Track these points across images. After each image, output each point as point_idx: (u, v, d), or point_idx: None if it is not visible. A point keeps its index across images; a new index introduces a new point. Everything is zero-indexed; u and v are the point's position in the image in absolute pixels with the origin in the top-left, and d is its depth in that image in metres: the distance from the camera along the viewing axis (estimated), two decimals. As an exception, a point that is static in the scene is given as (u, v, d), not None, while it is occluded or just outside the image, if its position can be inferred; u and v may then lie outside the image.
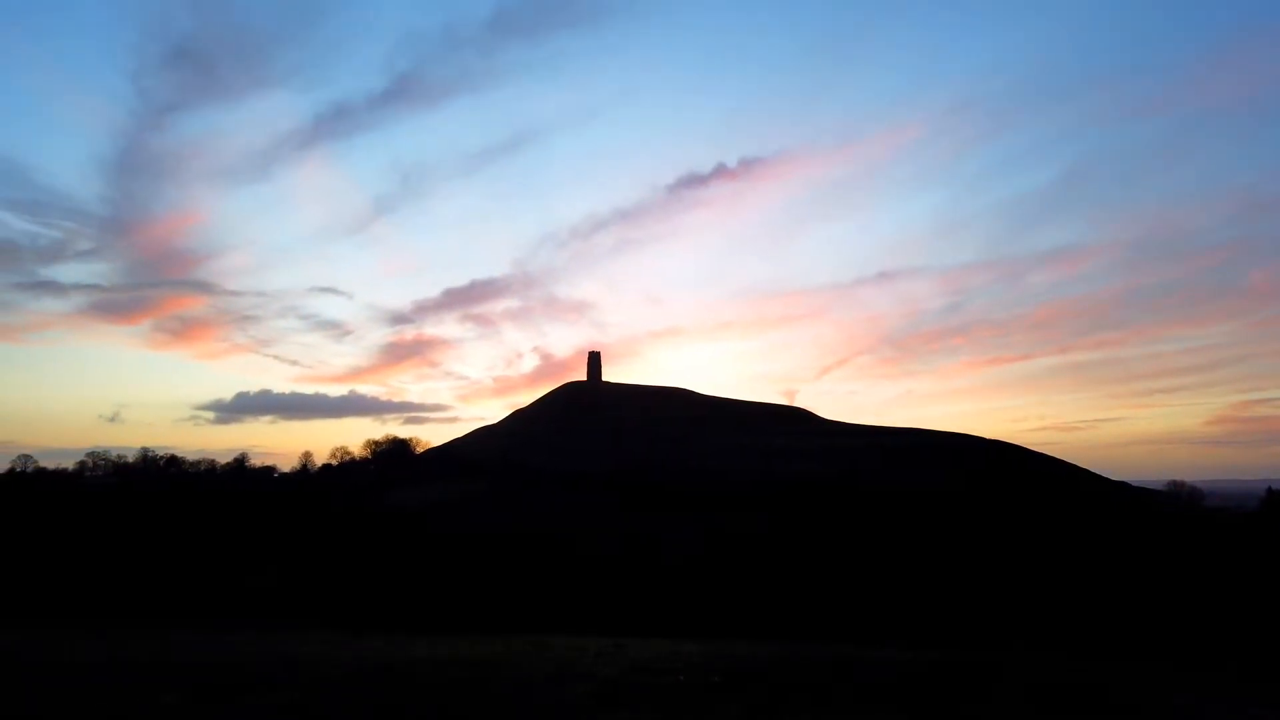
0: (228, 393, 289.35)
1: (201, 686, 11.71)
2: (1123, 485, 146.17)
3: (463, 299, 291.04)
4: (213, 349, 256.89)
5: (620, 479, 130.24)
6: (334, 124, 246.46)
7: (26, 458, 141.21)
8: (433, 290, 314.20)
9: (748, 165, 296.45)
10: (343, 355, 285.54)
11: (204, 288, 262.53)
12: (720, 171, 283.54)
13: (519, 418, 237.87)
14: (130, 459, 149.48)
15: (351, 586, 74.52)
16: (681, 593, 70.22)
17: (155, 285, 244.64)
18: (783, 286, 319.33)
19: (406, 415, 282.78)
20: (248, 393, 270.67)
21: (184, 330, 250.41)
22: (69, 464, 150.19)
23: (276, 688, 11.52)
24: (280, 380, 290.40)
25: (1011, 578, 78.13)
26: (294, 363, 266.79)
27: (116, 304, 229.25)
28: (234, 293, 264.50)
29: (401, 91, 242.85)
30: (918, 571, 78.87)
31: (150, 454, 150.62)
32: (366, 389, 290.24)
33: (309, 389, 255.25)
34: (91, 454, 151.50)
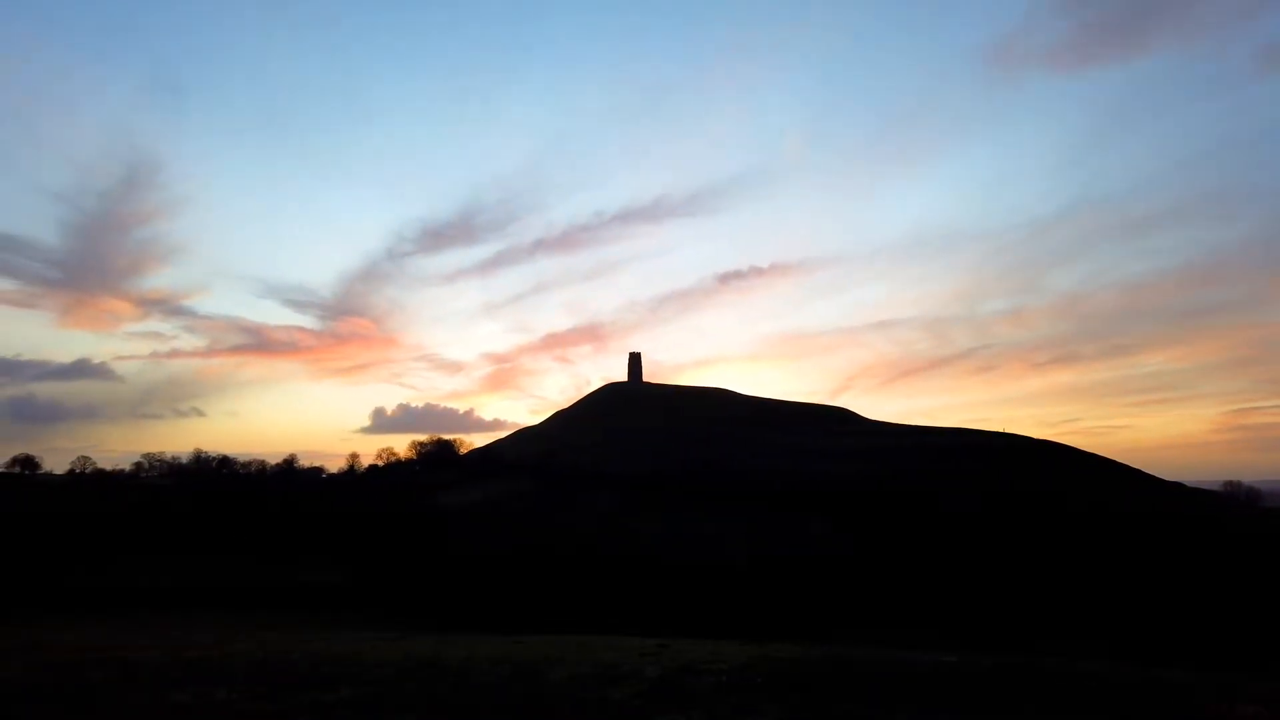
0: (366, 414, 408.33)
1: (255, 683, 11.98)
2: (1178, 485, 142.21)
3: (555, 343, 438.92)
4: (360, 380, 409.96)
5: (660, 478, 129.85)
6: (501, 259, 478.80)
7: (85, 459, 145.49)
8: (533, 337, 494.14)
9: (774, 266, 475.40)
10: (451, 384, 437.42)
11: (380, 347, 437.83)
12: (754, 270, 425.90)
13: (560, 419, 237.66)
14: (184, 460, 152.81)
15: (398, 586, 75.62)
16: (724, 594, 69.98)
17: (349, 345, 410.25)
18: (801, 331, 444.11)
19: (488, 431, 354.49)
20: (384, 409, 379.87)
21: (347, 370, 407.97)
22: (127, 466, 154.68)
23: (331, 684, 11.74)
24: (398, 402, 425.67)
25: (1070, 579, 76.33)
26: (412, 388, 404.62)
27: (320, 358, 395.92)
28: (393, 352, 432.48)
29: (552, 244, 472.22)
30: (970, 574, 77.49)
31: (203, 455, 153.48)
32: (461, 405, 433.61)
33: (419, 407, 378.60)
34: (147, 455, 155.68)
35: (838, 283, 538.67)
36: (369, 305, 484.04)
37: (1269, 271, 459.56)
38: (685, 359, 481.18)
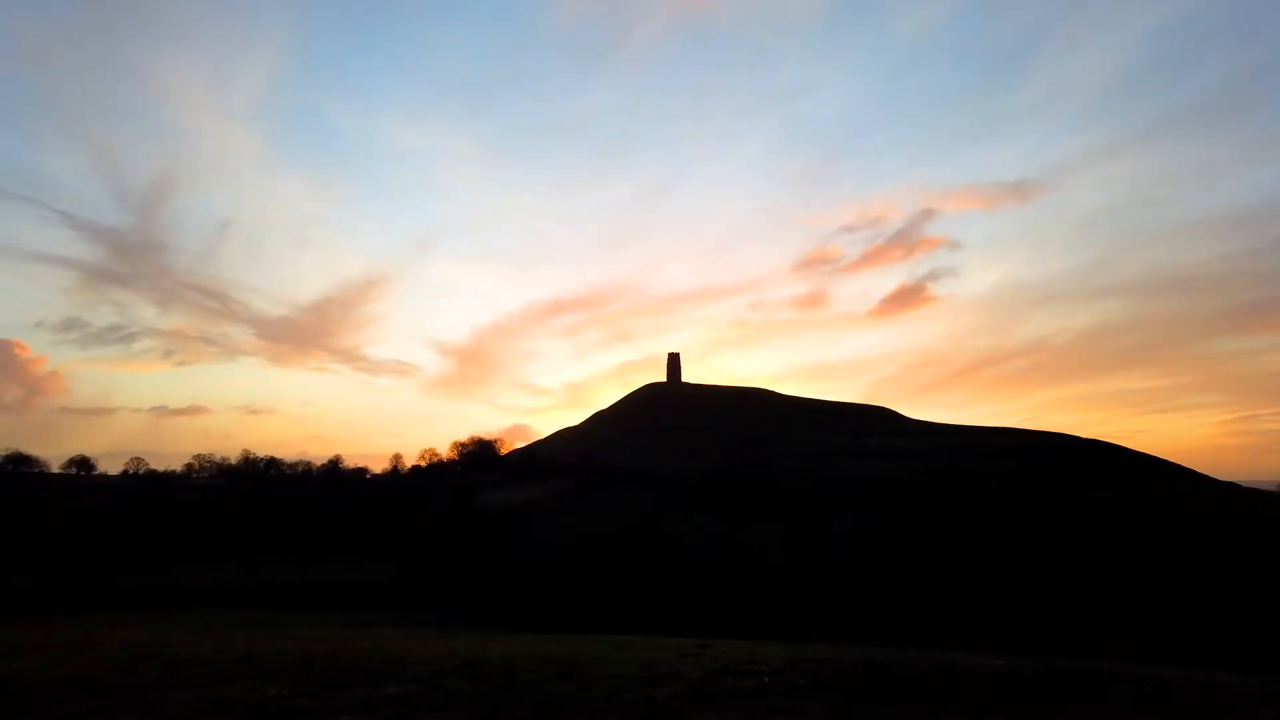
0: (461, 427, 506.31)
1: (303, 680, 12.17)
2: (1232, 485, 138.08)
3: (622, 370, 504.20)
4: (460, 399, 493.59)
5: (699, 478, 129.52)
6: (597, 318, 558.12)
7: (138, 460, 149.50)
8: (606, 367, 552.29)
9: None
10: (531, 403, 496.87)
11: (490, 382, 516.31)
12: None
13: (600, 419, 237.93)
14: (233, 461, 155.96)
15: (441, 585, 76.48)
16: (765, 594, 69.61)
17: (470, 380, 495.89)
18: (824, 359, 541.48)
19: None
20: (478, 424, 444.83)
21: (464, 395, 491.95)
22: (177, 466, 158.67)
23: (377, 681, 11.89)
24: (487, 417, 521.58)
25: (1122, 580, 74.52)
26: (501, 407, 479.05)
27: (449, 389, 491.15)
28: (497, 384, 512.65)
29: (640, 311, 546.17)
30: (1019, 575, 76.00)
31: (251, 456, 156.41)
32: (535, 421, 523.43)
33: (502, 424, 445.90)
34: (198, 456, 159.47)
35: (848, 324, 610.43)
36: (492, 350, 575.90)
37: (1206, 313, 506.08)
38: (721, 378, 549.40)
